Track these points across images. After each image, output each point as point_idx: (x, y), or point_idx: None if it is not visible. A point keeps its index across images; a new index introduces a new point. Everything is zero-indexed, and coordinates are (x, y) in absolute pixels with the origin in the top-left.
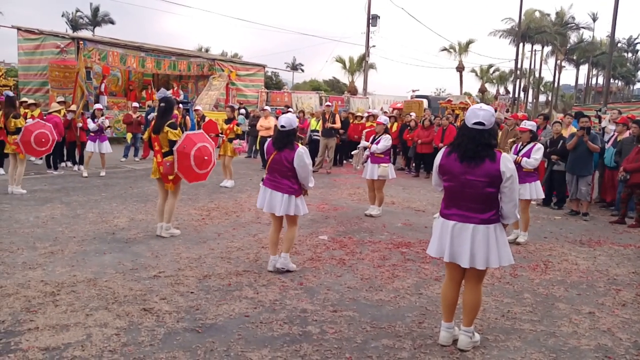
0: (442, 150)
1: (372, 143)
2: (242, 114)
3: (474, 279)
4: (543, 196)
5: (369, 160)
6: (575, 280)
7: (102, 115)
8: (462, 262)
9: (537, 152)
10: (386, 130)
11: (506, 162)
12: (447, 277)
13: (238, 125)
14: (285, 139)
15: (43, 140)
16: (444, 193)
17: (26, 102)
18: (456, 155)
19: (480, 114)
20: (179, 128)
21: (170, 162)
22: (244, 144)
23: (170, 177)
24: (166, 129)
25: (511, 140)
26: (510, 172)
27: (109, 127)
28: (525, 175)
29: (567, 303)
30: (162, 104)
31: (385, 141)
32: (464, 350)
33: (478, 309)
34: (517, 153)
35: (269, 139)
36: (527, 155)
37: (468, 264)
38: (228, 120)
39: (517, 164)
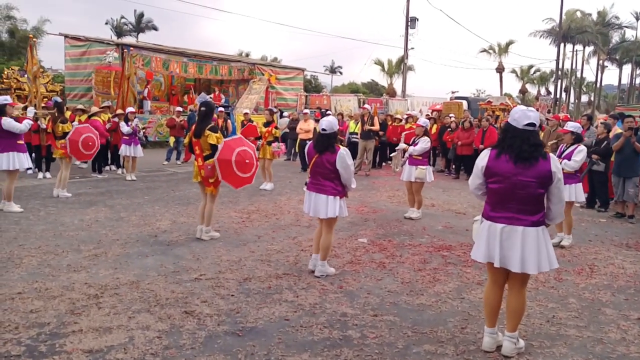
0: (486, 152)
1: (411, 145)
2: (284, 116)
3: (518, 283)
4: (584, 199)
5: (407, 162)
6: (622, 284)
7: (135, 118)
8: (513, 267)
9: (579, 154)
10: (425, 133)
11: (556, 162)
12: (490, 280)
13: (277, 128)
14: (327, 141)
15: (90, 144)
16: (489, 196)
17: (75, 107)
18: (508, 157)
19: (531, 115)
20: (219, 132)
21: (212, 166)
22: (282, 147)
23: (211, 181)
24: (207, 132)
25: (552, 142)
26: (560, 173)
27: (143, 129)
28: (566, 177)
29: (614, 308)
30: (202, 108)
31: (424, 143)
32: (509, 357)
33: (522, 314)
34: (560, 155)
35: (309, 142)
36: (569, 157)
37: (520, 268)
38: (267, 124)
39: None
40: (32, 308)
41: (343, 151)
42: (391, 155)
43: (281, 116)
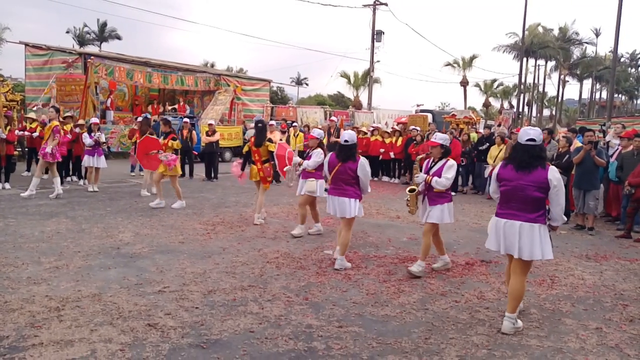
0: (499, 164)
1: (305, 158)
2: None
3: (519, 269)
4: (453, 220)
5: (300, 175)
6: (581, 295)
7: (99, 129)
8: (514, 253)
9: (450, 170)
10: (320, 145)
11: (554, 172)
12: (509, 264)
13: (174, 139)
14: (349, 152)
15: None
16: (499, 198)
17: (31, 118)
18: (512, 166)
19: (530, 132)
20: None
21: (270, 167)
22: (171, 157)
23: (269, 179)
24: (266, 143)
25: (421, 156)
26: (556, 181)
27: (104, 142)
28: (436, 196)
29: (574, 318)
30: (259, 125)
31: (317, 156)
32: (506, 334)
33: (521, 298)
34: (427, 171)
35: (330, 154)
36: (438, 173)
37: (517, 255)
38: (164, 135)
39: (427, 184)
40: None
41: (363, 160)
42: (284, 169)
43: (246, 129)
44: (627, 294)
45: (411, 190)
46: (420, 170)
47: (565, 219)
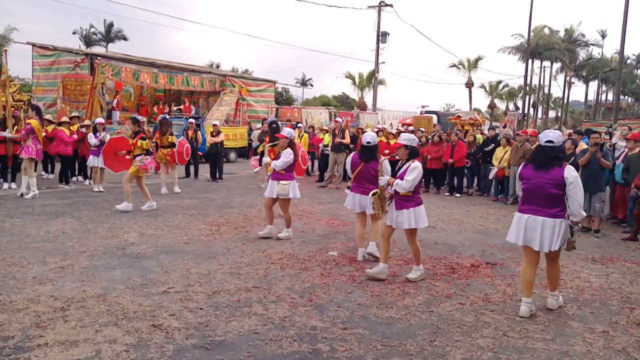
0: (521, 164)
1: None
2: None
3: (550, 259)
4: (426, 224)
5: (270, 176)
6: (588, 298)
7: (104, 129)
8: (534, 246)
9: (411, 173)
10: (290, 144)
11: (570, 170)
12: (526, 261)
13: (143, 139)
14: (371, 152)
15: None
16: (521, 194)
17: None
18: (532, 165)
19: (550, 134)
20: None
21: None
22: (147, 160)
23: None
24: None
25: (384, 158)
26: (572, 179)
27: None
28: (402, 200)
29: (580, 321)
30: (273, 126)
31: (285, 156)
32: (552, 310)
33: (559, 278)
34: (396, 173)
35: (352, 154)
36: (402, 176)
37: (538, 247)
38: (134, 135)
39: (390, 185)
40: None
41: (386, 161)
42: (255, 170)
43: (251, 130)
44: (633, 297)
45: (374, 193)
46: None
47: (585, 214)
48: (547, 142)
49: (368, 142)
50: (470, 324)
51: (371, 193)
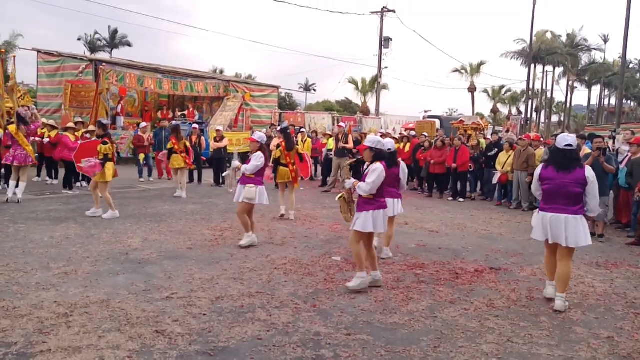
0: (539, 166)
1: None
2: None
3: (565, 256)
4: (382, 230)
5: (239, 181)
6: (592, 303)
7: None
8: (562, 242)
9: (371, 175)
10: (260, 148)
11: (590, 170)
12: (547, 252)
13: (105, 143)
14: (394, 158)
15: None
16: (542, 194)
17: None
18: (553, 167)
19: (568, 138)
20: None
21: (299, 168)
22: (92, 161)
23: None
24: (296, 147)
25: (350, 161)
26: (592, 177)
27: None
28: (363, 202)
29: (584, 327)
30: (287, 131)
31: (256, 160)
32: (561, 312)
33: (569, 279)
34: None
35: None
36: (364, 179)
37: (565, 243)
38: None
39: (354, 189)
40: None
41: (403, 164)
42: (223, 174)
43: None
44: (638, 302)
45: (340, 197)
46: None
47: (601, 210)
48: (566, 145)
49: (389, 149)
50: (475, 329)
51: (337, 197)
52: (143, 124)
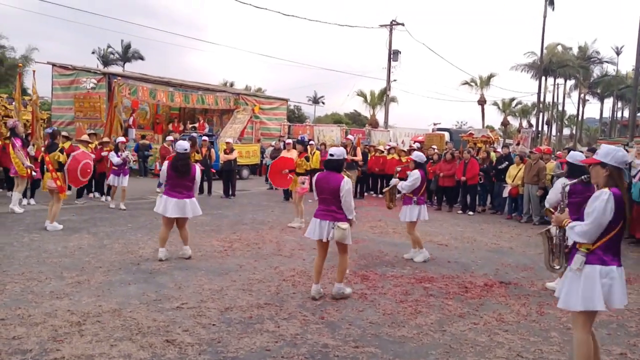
0: (564, 181)
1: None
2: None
3: None
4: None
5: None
6: (604, 319)
7: (126, 148)
8: None
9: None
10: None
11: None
12: None
13: (61, 152)
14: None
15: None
16: (569, 208)
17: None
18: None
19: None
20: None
21: (307, 180)
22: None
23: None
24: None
25: (387, 190)
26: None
27: (134, 161)
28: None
29: None
30: (304, 142)
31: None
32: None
33: None
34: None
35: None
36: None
37: None
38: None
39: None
40: (15, 335)
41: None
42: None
43: (264, 149)
44: None
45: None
46: None
47: None
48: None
49: (416, 160)
50: (484, 344)
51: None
52: (170, 138)
